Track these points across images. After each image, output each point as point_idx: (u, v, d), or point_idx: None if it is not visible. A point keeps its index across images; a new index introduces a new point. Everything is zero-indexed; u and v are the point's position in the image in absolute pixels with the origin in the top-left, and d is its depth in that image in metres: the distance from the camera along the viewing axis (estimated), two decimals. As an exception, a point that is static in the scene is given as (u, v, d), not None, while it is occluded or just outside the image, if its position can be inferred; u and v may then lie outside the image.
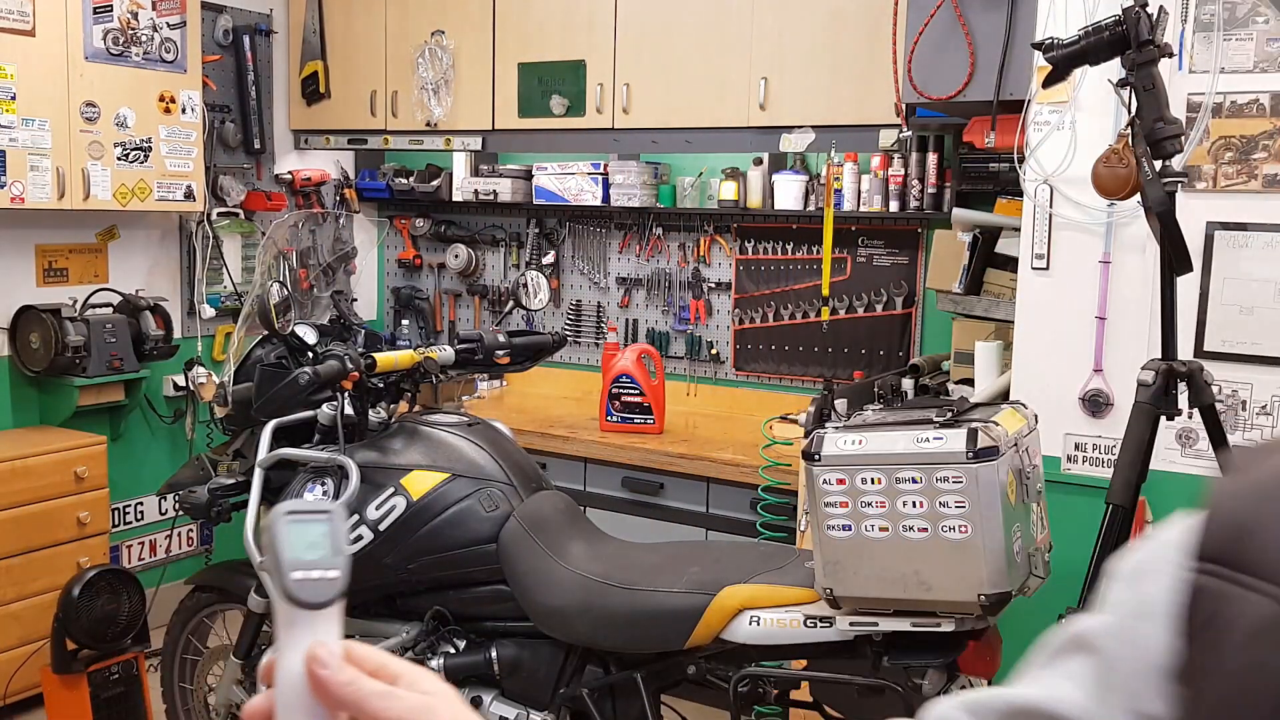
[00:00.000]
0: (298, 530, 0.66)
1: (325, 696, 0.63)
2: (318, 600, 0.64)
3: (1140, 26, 2.01)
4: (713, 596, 2.14)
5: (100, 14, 3.82)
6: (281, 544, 0.65)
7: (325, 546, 0.66)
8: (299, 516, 0.66)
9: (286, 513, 0.66)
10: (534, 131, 4.28)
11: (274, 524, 0.66)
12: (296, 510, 0.67)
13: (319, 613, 0.65)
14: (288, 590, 0.64)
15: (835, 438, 1.97)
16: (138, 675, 3.30)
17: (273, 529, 0.66)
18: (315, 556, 0.65)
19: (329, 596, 0.65)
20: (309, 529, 0.66)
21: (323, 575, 0.64)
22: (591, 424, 4.04)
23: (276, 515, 0.66)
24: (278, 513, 0.66)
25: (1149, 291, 2.58)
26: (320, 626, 0.65)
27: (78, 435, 3.83)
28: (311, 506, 0.68)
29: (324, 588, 0.65)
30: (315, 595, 0.64)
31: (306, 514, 0.67)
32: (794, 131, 3.75)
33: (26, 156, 3.63)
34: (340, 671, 0.63)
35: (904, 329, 4.01)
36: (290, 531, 0.66)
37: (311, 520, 0.66)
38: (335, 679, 0.62)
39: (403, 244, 5.14)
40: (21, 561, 3.56)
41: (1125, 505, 2.15)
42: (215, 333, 4.58)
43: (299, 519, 0.66)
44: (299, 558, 0.65)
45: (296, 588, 0.64)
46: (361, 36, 4.63)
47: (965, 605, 1.90)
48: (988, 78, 2.94)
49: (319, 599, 0.64)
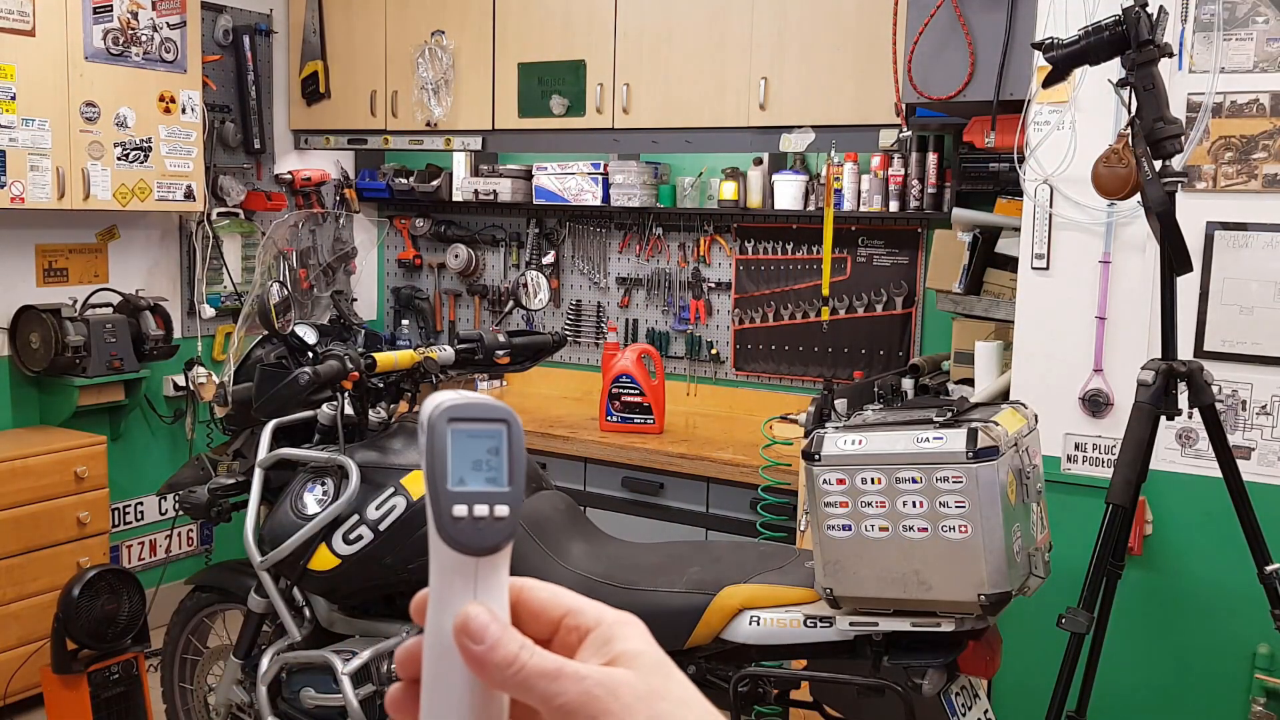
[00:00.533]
0: (464, 443, 0.50)
1: (482, 675, 0.49)
2: (482, 545, 0.50)
3: (1140, 26, 2.01)
4: (713, 596, 2.14)
5: (100, 14, 3.82)
6: (439, 461, 0.50)
7: (497, 468, 0.51)
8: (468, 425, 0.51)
9: (450, 418, 0.50)
10: (534, 131, 4.28)
11: (433, 430, 0.50)
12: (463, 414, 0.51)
13: (482, 559, 0.50)
14: (443, 529, 0.50)
15: (835, 438, 1.97)
16: (138, 675, 3.30)
17: (431, 437, 0.50)
18: (483, 484, 0.50)
19: (497, 540, 0.50)
20: (477, 442, 0.51)
21: (491, 510, 0.50)
22: (591, 424, 4.04)
23: (435, 416, 0.50)
24: (437, 413, 0.51)
25: (1149, 291, 2.58)
26: (483, 577, 0.50)
27: (78, 435, 3.83)
28: (483, 410, 0.51)
29: (492, 528, 0.50)
30: (479, 538, 0.50)
31: (477, 421, 0.51)
32: (794, 131, 3.75)
33: (26, 156, 3.63)
34: (499, 646, 0.49)
35: (904, 329, 4.01)
36: (454, 444, 0.50)
37: (483, 430, 0.51)
38: (492, 657, 0.49)
39: (403, 244, 5.14)
40: (21, 561, 3.56)
41: (1125, 505, 2.15)
42: (215, 333, 4.58)
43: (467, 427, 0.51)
44: (462, 484, 0.50)
45: (454, 526, 0.50)
46: (361, 36, 4.63)
47: (965, 605, 1.90)
48: (988, 78, 2.94)
49: (484, 543, 0.50)
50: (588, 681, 0.48)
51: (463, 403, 0.51)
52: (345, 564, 2.35)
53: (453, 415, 0.50)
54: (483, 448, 0.51)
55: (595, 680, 0.48)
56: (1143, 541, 2.65)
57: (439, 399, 0.51)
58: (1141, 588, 2.66)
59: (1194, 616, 2.64)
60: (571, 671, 0.48)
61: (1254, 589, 2.22)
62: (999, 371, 3.07)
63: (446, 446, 0.50)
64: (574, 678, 0.48)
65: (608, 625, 0.51)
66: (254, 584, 2.62)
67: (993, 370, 3.08)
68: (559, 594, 0.52)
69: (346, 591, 2.45)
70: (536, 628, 0.52)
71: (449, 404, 0.51)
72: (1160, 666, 2.68)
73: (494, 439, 0.51)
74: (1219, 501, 2.28)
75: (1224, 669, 2.60)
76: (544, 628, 0.52)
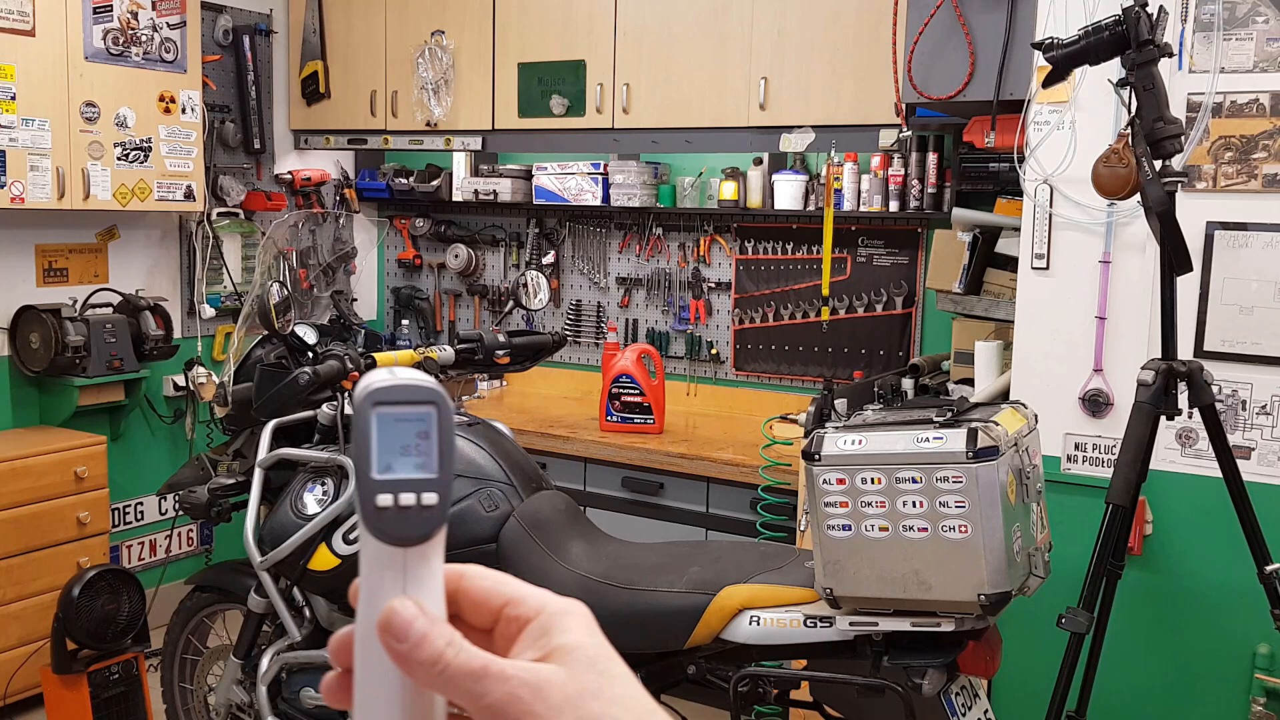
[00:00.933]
0: (390, 428, 0.48)
1: (407, 672, 0.47)
2: (409, 535, 0.48)
3: (1140, 26, 2.01)
4: (713, 596, 2.14)
5: (100, 14, 3.82)
6: (363, 448, 0.48)
7: (426, 454, 0.48)
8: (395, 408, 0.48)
9: (375, 401, 0.48)
10: (534, 131, 4.28)
11: (358, 414, 0.48)
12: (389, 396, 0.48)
13: (411, 550, 0.48)
14: (369, 519, 0.47)
15: (835, 438, 1.97)
16: (138, 675, 3.30)
17: (357, 421, 0.48)
18: (411, 470, 0.48)
19: (425, 529, 0.48)
20: (405, 426, 0.48)
21: (419, 499, 0.48)
22: (591, 424, 4.04)
23: (361, 400, 0.48)
24: (363, 396, 0.48)
25: (1149, 291, 2.58)
26: (413, 568, 0.48)
27: (78, 435, 3.83)
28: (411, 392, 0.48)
29: (420, 518, 0.48)
30: (406, 528, 0.47)
31: (404, 404, 0.48)
32: (794, 131, 3.75)
33: (26, 156, 3.63)
34: (424, 643, 0.46)
35: (904, 329, 4.01)
36: (380, 429, 0.48)
37: (411, 413, 0.48)
38: (416, 655, 0.46)
39: (403, 244, 5.14)
40: (21, 561, 3.56)
41: (1125, 505, 2.15)
42: (215, 333, 4.58)
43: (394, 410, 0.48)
44: (389, 470, 0.48)
45: (380, 516, 0.47)
46: (361, 36, 4.63)
47: (965, 605, 1.90)
48: (988, 78, 2.94)
49: (411, 533, 0.48)
50: (512, 682, 0.46)
51: (390, 384, 0.48)
52: (345, 564, 2.35)
53: (378, 399, 0.48)
54: (411, 432, 0.48)
55: (520, 680, 0.46)
56: (1143, 541, 2.65)
57: (368, 379, 0.48)
58: (1141, 588, 2.66)
59: (1194, 616, 2.64)
60: (496, 671, 0.46)
61: (1254, 589, 2.22)
62: (999, 371, 3.07)
63: (371, 432, 0.47)
64: (498, 678, 0.46)
65: (547, 616, 0.49)
66: (254, 584, 2.62)
67: (993, 370, 3.08)
68: (501, 582, 0.50)
69: (346, 591, 2.45)
70: (478, 617, 0.50)
71: (375, 386, 0.48)
72: (1160, 666, 2.68)
73: (423, 422, 0.48)
74: (1219, 501, 2.28)
75: (1224, 669, 2.60)
76: (485, 617, 0.50)
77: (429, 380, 0.49)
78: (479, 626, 0.50)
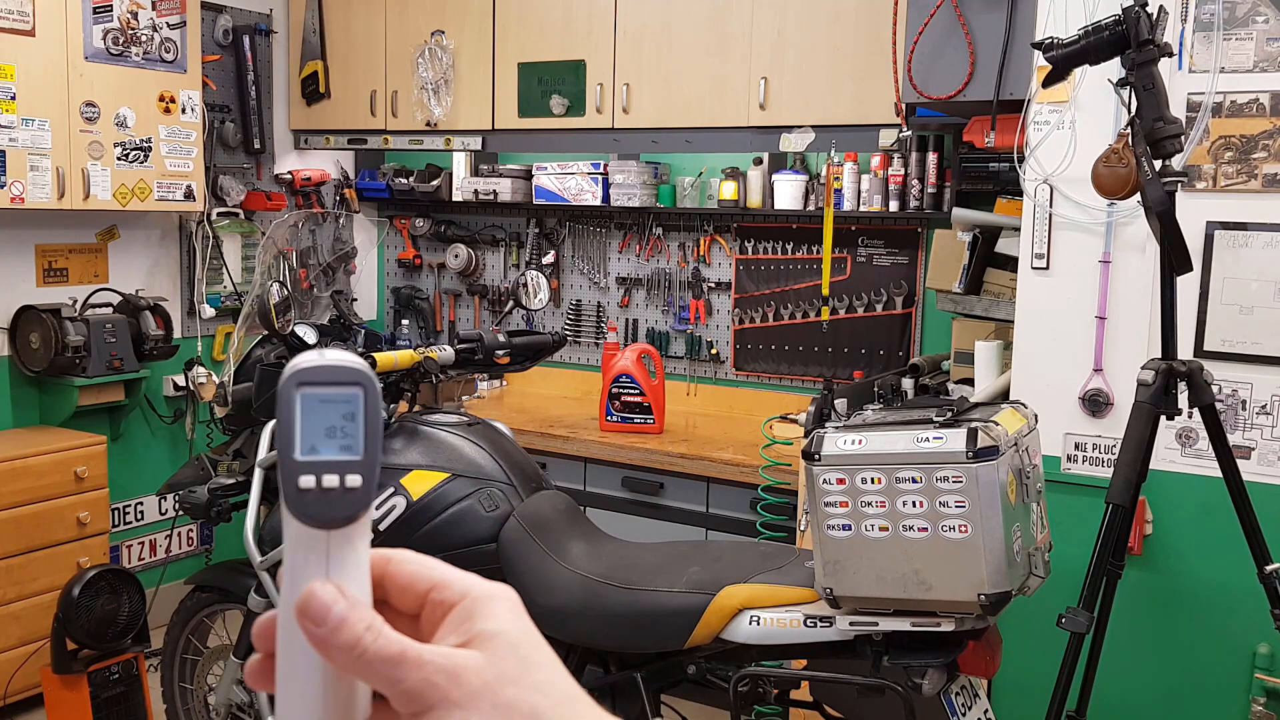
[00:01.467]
0: (315, 409, 0.47)
1: (326, 656, 0.46)
2: (331, 517, 0.47)
3: (1140, 26, 2.01)
4: (713, 596, 2.14)
5: (100, 14, 3.82)
6: (286, 429, 0.47)
7: (352, 435, 0.47)
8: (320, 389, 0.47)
9: (300, 382, 0.47)
10: (534, 131, 4.28)
11: (281, 394, 0.47)
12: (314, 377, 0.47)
13: (334, 533, 0.47)
14: (290, 501, 0.47)
15: (835, 437, 1.97)
16: (138, 675, 3.30)
17: (280, 402, 0.47)
18: (335, 452, 0.47)
19: (348, 512, 0.47)
20: (331, 408, 0.47)
21: (342, 480, 0.47)
22: (591, 424, 4.04)
23: (285, 381, 0.47)
24: (290, 375, 0.47)
25: (1149, 291, 2.58)
26: (336, 552, 0.47)
27: (78, 435, 3.83)
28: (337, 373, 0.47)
29: (342, 500, 0.47)
30: (328, 510, 0.47)
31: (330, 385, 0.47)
32: (794, 131, 3.75)
33: (26, 156, 3.63)
34: (342, 628, 0.45)
35: (904, 329, 4.01)
36: (304, 410, 0.47)
37: (337, 395, 0.47)
38: (334, 640, 0.45)
39: (403, 244, 5.14)
40: (21, 561, 3.56)
41: (1125, 505, 2.15)
42: (215, 333, 4.58)
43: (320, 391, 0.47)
44: (313, 452, 0.47)
45: (301, 499, 0.46)
46: (361, 36, 4.63)
47: (965, 605, 1.90)
48: (988, 77, 2.94)
49: (333, 515, 0.47)
50: (428, 669, 0.45)
51: (316, 365, 0.47)
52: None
53: (302, 379, 0.47)
54: (337, 413, 0.47)
55: (436, 667, 0.45)
56: (1143, 541, 2.65)
57: (296, 360, 0.48)
58: (1141, 588, 2.66)
59: (1194, 616, 2.64)
60: (414, 657, 0.45)
61: (1254, 589, 2.22)
62: (999, 371, 3.07)
63: (295, 413, 0.47)
64: (415, 664, 0.45)
65: (471, 600, 0.48)
66: (254, 584, 2.62)
67: (993, 370, 3.08)
68: (428, 566, 0.50)
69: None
70: (404, 601, 0.50)
71: (300, 367, 0.47)
72: (1160, 666, 2.68)
73: (349, 404, 0.47)
74: (1219, 501, 2.28)
75: (1224, 669, 2.60)
76: (412, 602, 0.49)
77: (357, 361, 0.48)
78: (406, 612, 0.50)
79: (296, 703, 0.47)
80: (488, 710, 0.45)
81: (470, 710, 0.45)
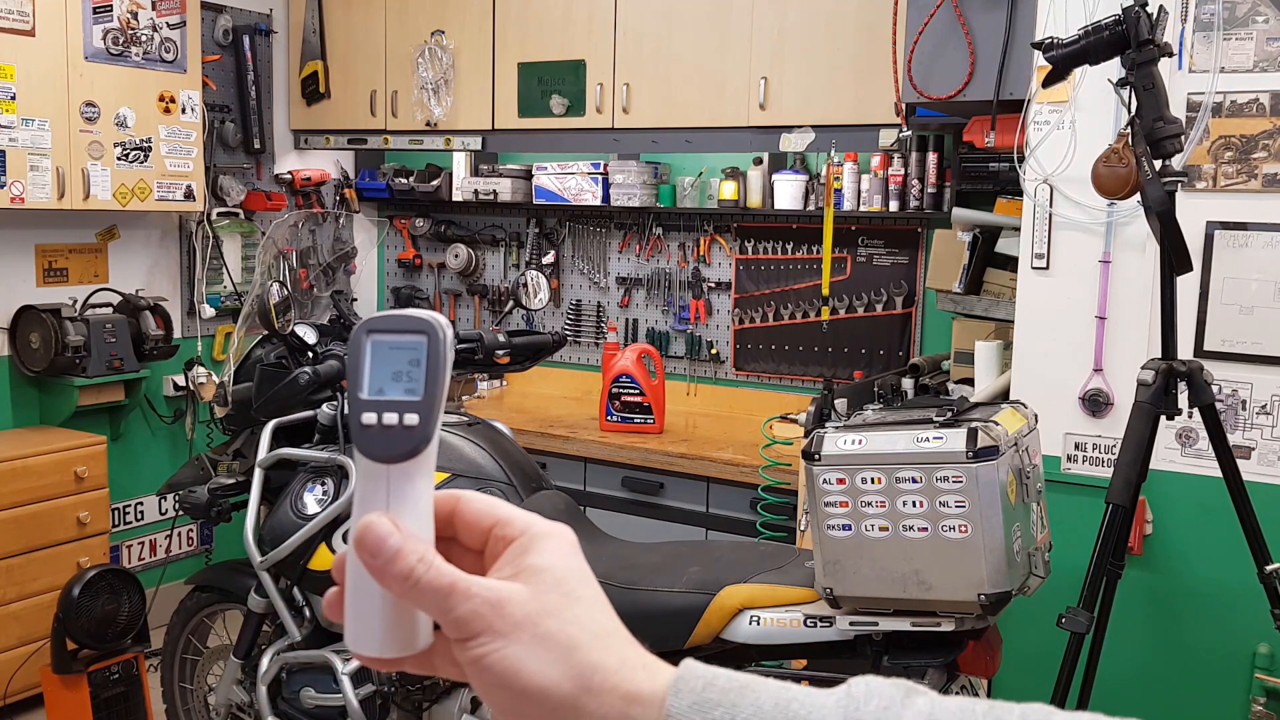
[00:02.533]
0: (384, 354, 0.51)
1: (383, 585, 0.50)
2: (390, 453, 0.50)
3: (1140, 26, 2.01)
4: (713, 596, 2.14)
5: (100, 14, 3.82)
6: (355, 371, 0.51)
7: (415, 379, 0.51)
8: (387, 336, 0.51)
9: (369, 329, 0.52)
10: (534, 131, 4.28)
11: (353, 341, 0.52)
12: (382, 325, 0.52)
13: (394, 468, 0.51)
14: (355, 436, 0.51)
15: (835, 437, 1.97)
16: (138, 675, 3.30)
17: (353, 347, 0.52)
18: (400, 394, 0.51)
19: (405, 448, 0.51)
20: (398, 354, 0.51)
21: (401, 419, 0.51)
22: (591, 424, 4.04)
23: (360, 327, 0.52)
24: (362, 324, 0.52)
25: (1149, 291, 2.58)
26: (396, 486, 0.51)
27: (78, 435, 3.83)
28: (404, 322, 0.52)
29: (400, 437, 0.50)
30: (387, 446, 0.50)
31: (398, 333, 0.51)
32: (794, 131, 3.75)
33: (26, 156, 3.63)
34: (396, 559, 0.49)
35: (904, 329, 4.01)
36: (373, 355, 0.51)
37: (403, 342, 0.51)
38: (390, 570, 0.49)
39: (403, 244, 5.14)
40: (21, 561, 3.56)
41: (1125, 505, 2.15)
42: (215, 333, 4.58)
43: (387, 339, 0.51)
44: (380, 393, 0.51)
45: (364, 434, 0.50)
46: (361, 36, 4.63)
47: (965, 605, 1.90)
48: (988, 77, 2.94)
49: (391, 451, 0.50)
50: (475, 600, 0.48)
51: (385, 315, 0.52)
52: (345, 564, 2.35)
53: (372, 327, 0.52)
54: (404, 359, 0.51)
55: (482, 598, 0.48)
56: (1143, 541, 2.65)
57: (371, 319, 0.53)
58: (1141, 587, 2.66)
59: (1194, 616, 2.64)
60: (462, 588, 0.48)
61: (1254, 588, 2.22)
62: (999, 371, 3.07)
63: (363, 357, 0.51)
64: (463, 595, 0.48)
65: (527, 538, 0.51)
66: (254, 584, 2.62)
67: (993, 370, 3.08)
68: (493, 505, 0.53)
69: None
70: (471, 537, 0.53)
71: (372, 317, 0.52)
72: (1160, 666, 2.68)
73: (414, 350, 0.51)
74: (1219, 501, 2.28)
75: (1224, 669, 2.60)
76: (477, 538, 0.53)
77: (426, 313, 0.52)
78: (472, 547, 0.53)
79: (363, 627, 0.51)
80: (528, 640, 0.48)
81: (511, 639, 0.48)
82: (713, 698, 0.47)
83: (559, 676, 0.48)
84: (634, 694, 0.48)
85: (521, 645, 0.48)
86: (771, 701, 0.46)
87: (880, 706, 0.46)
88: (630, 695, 0.48)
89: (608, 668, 0.49)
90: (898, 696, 0.46)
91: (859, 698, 0.46)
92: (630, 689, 0.48)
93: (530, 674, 0.48)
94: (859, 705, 0.46)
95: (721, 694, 0.47)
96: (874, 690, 0.47)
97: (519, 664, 0.48)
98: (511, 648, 0.48)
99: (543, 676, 0.48)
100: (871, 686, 0.47)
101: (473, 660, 0.48)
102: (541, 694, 0.47)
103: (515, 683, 0.48)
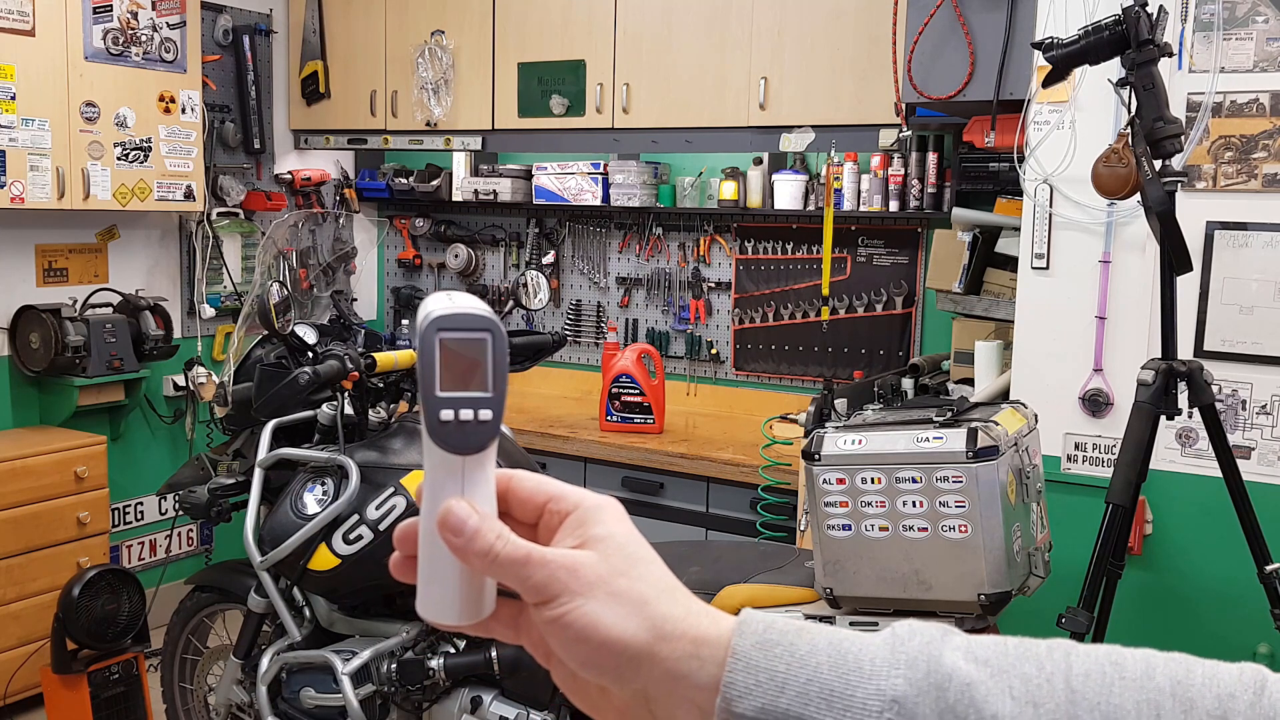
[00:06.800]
0: (453, 349, 0.54)
1: (463, 561, 0.55)
2: (466, 446, 0.54)
3: (1140, 26, 2.01)
4: (713, 596, 2.14)
5: (100, 14, 3.81)
6: (429, 369, 0.54)
7: (482, 374, 0.54)
8: (457, 334, 0.54)
9: (439, 329, 0.54)
10: (534, 131, 4.28)
11: (424, 339, 0.54)
12: (450, 324, 0.54)
13: (468, 458, 0.55)
14: (433, 431, 0.54)
15: (835, 437, 1.97)
16: (138, 675, 3.30)
17: (422, 346, 0.54)
18: (469, 389, 0.54)
19: (480, 441, 0.55)
20: (465, 349, 0.54)
21: (475, 415, 0.54)
22: (591, 424, 4.04)
23: (427, 324, 0.54)
24: (426, 324, 0.54)
25: (1149, 291, 2.58)
26: (470, 473, 0.55)
27: (78, 435, 3.83)
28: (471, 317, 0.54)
29: (476, 431, 0.54)
30: (465, 440, 0.54)
31: (464, 331, 0.54)
32: (794, 131, 3.75)
33: (26, 156, 3.63)
34: (477, 537, 0.54)
35: (904, 329, 4.01)
36: (443, 351, 0.54)
37: (470, 337, 0.54)
38: (471, 547, 0.54)
39: (403, 244, 5.14)
40: (21, 561, 3.56)
41: (1125, 505, 2.15)
42: (215, 333, 4.58)
43: (456, 335, 0.54)
44: (451, 388, 0.54)
45: (442, 429, 0.54)
46: (361, 36, 4.63)
47: (965, 605, 1.90)
48: (988, 77, 2.94)
49: (468, 444, 0.54)
50: (551, 566, 0.53)
51: (451, 313, 0.54)
52: (345, 564, 2.35)
53: (441, 326, 0.54)
54: (472, 355, 0.55)
55: (558, 564, 0.54)
56: (1143, 541, 2.65)
57: (429, 307, 0.55)
58: (1141, 587, 2.66)
59: (1194, 616, 2.64)
60: (538, 558, 0.54)
61: (1254, 589, 2.22)
62: (999, 371, 3.07)
63: (435, 355, 0.54)
64: (540, 563, 0.54)
65: (584, 510, 0.57)
66: (254, 584, 2.62)
67: (993, 370, 3.08)
68: (543, 483, 0.58)
69: (346, 591, 2.45)
70: (524, 513, 0.58)
71: (438, 314, 0.54)
72: (1160, 666, 2.67)
73: (481, 347, 0.55)
74: (1219, 501, 2.28)
75: (1224, 669, 2.60)
76: (530, 513, 0.58)
77: (485, 309, 0.55)
78: (525, 521, 0.58)
79: (437, 596, 0.56)
80: (603, 598, 0.53)
81: (589, 598, 0.53)
82: (773, 638, 0.52)
83: (635, 628, 0.53)
84: (701, 637, 0.53)
85: (598, 602, 0.53)
86: (825, 640, 0.52)
87: (923, 642, 0.51)
88: (699, 639, 0.53)
89: (676, 616, 0.54)
90: (937, 635, 0.52)
91: (903, 635, 0.52)
92: (698, 633, 0.53)
93: (609, 626, 0.53)
94: (903, 641, 0.51)
95: (780, 634, 0.52)
96: (915, 629, 0.52)
97: (597, 618, 0.53)
98: (590, 604, 0.53)
99: (620, 628, 0.53)
100: (914, 626, 0.53)
101: (553, 619, 0.53)
102: (620, 644, 0.53)
103: (595, 635, 0.53)
